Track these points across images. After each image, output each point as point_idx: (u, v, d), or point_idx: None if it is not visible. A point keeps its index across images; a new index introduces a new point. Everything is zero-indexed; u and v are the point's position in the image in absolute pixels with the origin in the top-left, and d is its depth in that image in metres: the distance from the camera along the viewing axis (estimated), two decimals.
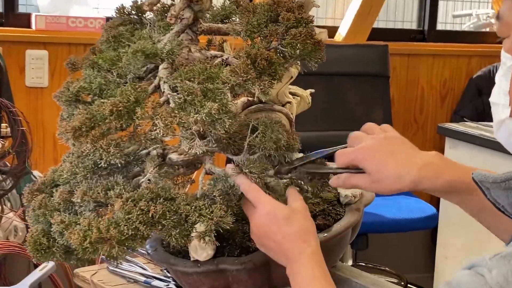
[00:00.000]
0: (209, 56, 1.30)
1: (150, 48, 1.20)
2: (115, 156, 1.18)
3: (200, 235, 1.17)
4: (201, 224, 1.17)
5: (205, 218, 1.17)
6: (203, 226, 1.17)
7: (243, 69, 1.17)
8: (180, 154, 1.30)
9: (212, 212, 1.18)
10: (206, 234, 1.18)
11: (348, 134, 1.29)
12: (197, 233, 1.17)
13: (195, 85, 1.17)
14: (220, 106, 1.16)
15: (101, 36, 1.35)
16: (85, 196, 1.21)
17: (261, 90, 1.18)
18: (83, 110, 1.21)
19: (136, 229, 1.14)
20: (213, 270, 1.31)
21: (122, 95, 1.17)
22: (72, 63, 1.34)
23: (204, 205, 1.18)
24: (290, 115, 1.44)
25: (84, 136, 1.19)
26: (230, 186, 1.24)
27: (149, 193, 1.18)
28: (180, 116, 1.15)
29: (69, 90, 1.29)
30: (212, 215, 1.17)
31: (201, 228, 1.17)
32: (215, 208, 1.18)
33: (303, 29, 1.23)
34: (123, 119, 1.17)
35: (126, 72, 1.26)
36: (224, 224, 1.19)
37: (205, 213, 1.17)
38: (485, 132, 2.77)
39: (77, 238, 1.15)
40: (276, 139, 1.24)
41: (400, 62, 3.91)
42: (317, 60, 1.28)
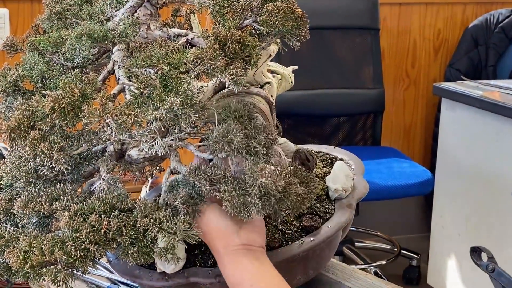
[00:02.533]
0: (172, 35, 1.10)
1: (98, 31, 1.00)
2: (59, 162, 0.99)
3: (161, 252, 0.99)
4: (161, 240, 0.99)
5: (166, 233, 0.98)
6: (164, 243, 0.98)
7: (211, 55, 0.97)
8: (141, 151, 1.11)
9: (175, 224, 0.99)
10: (168, 252, 0.99)
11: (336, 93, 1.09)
12: (158, 249, 0.99)
13: (153, 75, 0.97)
14: (183, 99, 0.97)
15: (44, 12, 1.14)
16: (26, 208, 1.02)
17: (232, 80, 0.98)
18: (21, 105, 1.02)
19: (85, 250, 0.96)
20: (183, 284, 1.14)
21: (66, 89, 0.97)
22: (10, 45, 1.13)
23: (165, 217, 1.00)
24: (270, 97, 1.24)
25: (22, 138, 0.99)
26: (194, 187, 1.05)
27: (101, 204, 0.99)
28: (135, 113, 0.96)
29: (5, 79, 1.08)
30: (175, 229, 0.99)
31: (162, 244, 0.99)
32: (178, 220, 1.00)
33: (282, 2, 1.03)
34: (67, 118, 0.97)
35: (73, 57, 1.06)
36: (189, 238, 1.00)
37: (166, 227, 0.99)
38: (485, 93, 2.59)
39: (16, 260, 0.97)
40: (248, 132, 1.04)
41: (390, 12, 3.70)
42: (299, 38, 1.08)
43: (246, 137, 1.00)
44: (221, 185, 1.01)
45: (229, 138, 0.99)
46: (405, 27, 3.74)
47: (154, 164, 1.18)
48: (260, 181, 0.99)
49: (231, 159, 1.04)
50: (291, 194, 1.01)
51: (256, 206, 0.98)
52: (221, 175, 1.02)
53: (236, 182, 1.00)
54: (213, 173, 1.02)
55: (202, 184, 1.01)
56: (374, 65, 3.45)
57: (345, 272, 1.32)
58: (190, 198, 1.04)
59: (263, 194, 0.99)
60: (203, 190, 1.03)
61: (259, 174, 0.99)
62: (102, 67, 1.15)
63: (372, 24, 3.42)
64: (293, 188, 1.01)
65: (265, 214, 1.03)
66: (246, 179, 0.99)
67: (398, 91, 3.80)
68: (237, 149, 0.99)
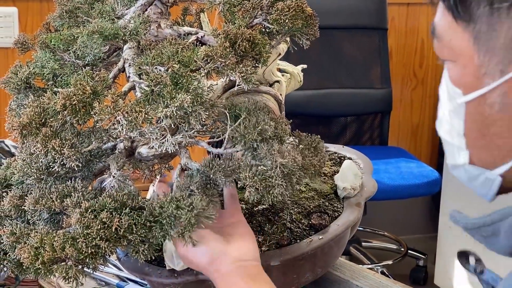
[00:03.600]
0: (182, 34, 1.10)
1: (109, 29, 1.00)
2: (70, 159, 0.99)
3: (179, 231, 0.99)
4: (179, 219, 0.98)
5: (184, 211, 0.98)
6: (182, 220, 0.98)
7: (221, 54, 0.97)
8: (151, 148, 1.12)
9: (191, 203, 0.99)
10: (186, 229, 0.99)
11: (343, 92, 1.09)
12: (175, 230, 0.99)
13: (163, 72, 0.98)
14: (193, 97, 0.97)
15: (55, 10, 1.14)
16: (37, 204, 1.03)
17: (242, 78, 0.98)
18: (33, 102, 1.02)
19: (96, 247, 0.96)
20: (192, 281, 1.14)
21: (77, 86, 0.98)
22: (22, 43, 1.14)
23: (181, 196, 1.00)
24: (279, 96, 1.24)
25: (34, 134, 1.00)
26: (209, 179, 1.05)
27: (112, 201, 0.99)
28: (146, 111, 0.96)
29: (17, 76, 1.09)
30: (191, 207, 0.99)
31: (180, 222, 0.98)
32: (195, 199, 1.00)
33: (292, 1, 1.04)
34: (78, 115, 0.98)
35: (84, 54, 1.07)
36: (207, 218, 1.00)
37: (183, 205, 0.99)
38: None
39: (27, 257, 0.97)
40: (261, 129, 1.04)
41: (398, 11, 3.70)
42: (309, 37, 1.09)
43: (275, 127, 1.01)
44: (240, 174, 1.01)
45: (260, 128, 1.00)
46: (413, 27, 3.73)
47: (163, 161, 1.19)
48: (280, 161, 0.99)
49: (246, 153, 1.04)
50: (309, 167, 1.02)
51: (280, 187, 0.98)
52: (235, 165, 1.02)
53: (254, 168, 1.00)
54: (226, 165, 1.02)
55: (218, 176, 1.01)
56: (382, 65, 3.45)
57: (353, 271, 1.33)
58: (205, 186, 1.04)
59: (285, 174, 0.99)
60: (218, 182, 1.04)
61: (277, 155, 1.00)
62: (112, 65, 1.16)
63: (380, 24, 3.42)
64: (308, 160, 1.03)
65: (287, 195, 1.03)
66: (265, 162, 0.99)
67: (406, 91, 3.80)
68: (268, 138, 1.00)
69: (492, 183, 0.77)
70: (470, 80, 0.74)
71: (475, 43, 0.72)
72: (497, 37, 0.70)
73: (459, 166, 0.81)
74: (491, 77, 0.72)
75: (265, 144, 1.01)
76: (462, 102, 0.76)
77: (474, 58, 0.73)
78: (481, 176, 0.78)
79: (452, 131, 0.79)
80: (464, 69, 0.75)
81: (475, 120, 0.76)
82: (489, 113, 0.73)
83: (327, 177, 1.30)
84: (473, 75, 0.73)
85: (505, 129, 0.73)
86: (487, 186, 0.78)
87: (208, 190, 1.05)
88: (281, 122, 1.10)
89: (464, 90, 0.75)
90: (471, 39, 0.73)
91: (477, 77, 0.73)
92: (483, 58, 0.72)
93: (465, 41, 0.73)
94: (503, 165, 0.75)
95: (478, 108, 0.74)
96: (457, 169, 0.82)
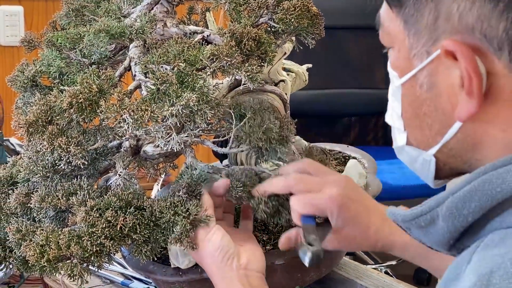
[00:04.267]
0: (188, 32, 1.11)
1: (115, 27, 1.00)
2: (76, 157, 1.00)
3: (176, 237, 0.99)
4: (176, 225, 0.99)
5: (180, 217, 0.99)
6: (179, 227, 0.99)
7: (227, 52, 0.97)
8: (156, 147, 1.12)
9: (188, 210, 1.00)
10: (183, 236, 1.00)
11: (347, 93, 1.11)
12: (174, 235, 0.99)
13: (169, 71, 0.98)
14: (199, 96, 0.97)
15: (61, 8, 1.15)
16: (43, 202, 1.03)
17: (248, 76, 0.99)
18: (39, 100, 1.03)
19: (101, 245, 0.97)
20: (197, 280, 1.14)
21: (83, 84, 0.98)
22: (28, 41, 1.14)
23: (179, 202, 1.01)
24: (284, 95, 1.25)
25: (40, 132, 1.00)
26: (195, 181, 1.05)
27: (117, 200, 1.00)
28: (152, 109, 0.96)
29: (23, 74, 1.10)
30: (187, 214, 0.99)
31: (177, 229, 0.99)
32: (191, 204, 1.00)
33: (298, 0, 1.04)
34: (84, 113, 0.98)
35: (90, 53, 1.07)
36: (202, 222, 1.01)
37: (180, 211, 0.99)
38: None
39: (33, 254, 0.98)
40: (266, 129, 1.05)
41: None
42: (314, 36, 1.09)
43: (281, 126, 1.02)
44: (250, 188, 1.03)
45: (265, 128, 1.01)
46: None
47: (168, 160, 1.19)
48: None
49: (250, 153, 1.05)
50: None
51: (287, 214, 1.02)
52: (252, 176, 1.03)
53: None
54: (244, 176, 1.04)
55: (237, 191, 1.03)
56: (386, 65, 3.44)
57: (357, 270, 1.33)
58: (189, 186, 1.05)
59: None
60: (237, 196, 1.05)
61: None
62: (118, 63, 1.16)
63: None
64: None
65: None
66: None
67: None
68: (272, 139, 1.00)
69: (429, 164, 0.81)
70: (403, 62, 0.78)
71: (405, 27, 0.77)
72: (422, 19, 0.75)
73: (400, 149, 0.84)
74: (419, 58, 0.76)
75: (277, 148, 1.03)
76: (399, 84, 0.80)
77: (405, 41, 0.77)
78: (419, 157, 0.81)
79: (393, 114, 0.84)
80: (399, 52, 0.79)
81: (409, 101, 0.80)
82: (420, 93, 0.77)
83: None
84: (406, 57, 0.77)
85: (433, 108, 0.76)
86: (426, 168, 0.81)
87: (192, 189, 1.05)
88: (287, 122, 1.10)
89: (400, 73, 0.79)
90: (402, 23, 0.77)
91: (408, 59, 0.77)
92: (412, 41, 0.76)
93: (397, 26, 0.78)
94: (435, 145, 0.78)
95: (411, 89, 0.78)
96: (401, 153, 0.85)
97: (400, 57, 0.79)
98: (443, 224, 0.73)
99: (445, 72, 0.74)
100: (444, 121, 0.76)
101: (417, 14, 0.75)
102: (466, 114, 0.73)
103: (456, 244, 0.74)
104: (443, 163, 0.80)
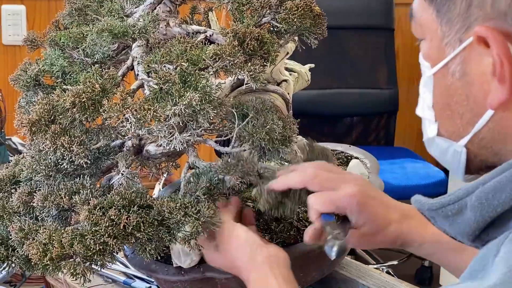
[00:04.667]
0: (191, 32, 1.11)
1: (118, 27, 1.01)
2: (79, 156, 1.00)
3: (185, 237, 1.00)
4: (185, 226, 1.00)
5: (191, 219, 0.99)
6: (189, 228, 0.99)
7: (230, 52, 0.98)
8: (159, 146, 1.12)
9: (199, 211, 1.00)
10: (192, 237, 1.00)
11: (349, 92, 1.11)
12: (182, 235, 1.00)
13: (172, 71, 0.98)
14: (202, 95, 0.98)
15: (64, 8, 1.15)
16: (46, 201, 1.03)
17: (251, 76, 0.99)
18: (42, 99, 1.03)
19: (104, 244, 0.97)
20: (199, 279, 1.14)
21: (86, 84, 0.98)
22: (31, 40, 1.14)
23: (190, 203, 1.01)
24: (287, 95, 1.25)
25: (43, 131, 1.01)
26: (215, 183, 1.06)
27: (120, 199, 1.00)
28: (154, 108, 0.97)
29: (26, 74, 1.10)
30: (199, 215, 1.00)
31: (186, 230, 1.00)
32: (203, 206, 1.01)
33: (300, 0, 1.04)
34: (87, 112, 0.99)
35: (93, 52, 1.08)
36: (213, 225, 1.02)
37: (191, 212, 1.00)
38: None
39: (36, 253, 0.98)
40: (269, 129, 1.05)
41: (405, 12, 3.69)
42: (317, 36, 1.09)
43: (283, 127, 1.02)
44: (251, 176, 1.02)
45: (268, 128, 1.01)
46: None
47: (170, 159, 1.20)
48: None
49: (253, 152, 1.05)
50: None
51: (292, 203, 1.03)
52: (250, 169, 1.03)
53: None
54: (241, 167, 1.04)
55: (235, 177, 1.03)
56: (389, 65, 3.45)
57: (359, 270, 1.33)
58: (209, 190, 1.05)
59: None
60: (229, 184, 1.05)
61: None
62: (120, 63, 1.16)
63: (387, 24, 3.43)
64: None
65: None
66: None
67: (412, 91, 3.79)
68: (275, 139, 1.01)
69: (459, 156, 0.80)
70: (435, 52, 0.78)
71: (438, 15, 0.77)
72: (455, 8, 0.75)
73: (431, 141, 0.84)
74: (452, 46, 0.76)
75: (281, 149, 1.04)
76: (430, 74, 0.80)
77: (437, 30, 0.77)
78: (450, 148, 0.81)
79: (424, 106, 0.83)
80: (431, 42, 0.79)
81: (441, 91, 0.80)
82: (451, 81, 0.77)
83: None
84: (438, 46, 0.78)
85: (464, 97, 0.76)
86: (456, 160, 0.81)
87: (212, 192, 1.06)
88: (289, 122, 1.10)
89: (432, 63, 0.80)
90: (434, 12, 0.77)
91: (441, 48, 0.77)
92: (445, 29, 0.77)
93: (430, 15, 0.78)
94: (466, 136, 0.78)
95: (443, 79, 0.78)
96: (431, 145, 0.84)
97: (432, 47, 0.79)
98: (471, 214, 0.73)
99: (477, 59, 0.74)
100: (475, 110, 0.76)
101: (449, 2, 0.75)
102: (497, 102, 0.73)
103: (481, 235, 0.74)
104: (474, 154, 0.79)
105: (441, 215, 0.76)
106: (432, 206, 0.77)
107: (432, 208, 0.77)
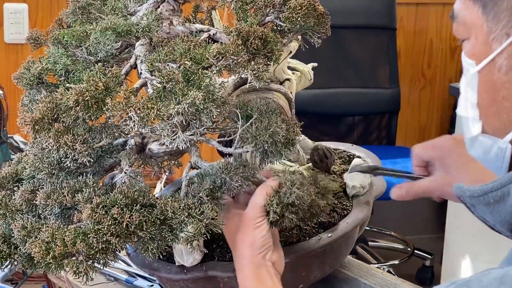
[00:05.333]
0: (194, 31, 1.11)
1: (122, 25, 1.01)
2: (82, 154, 1.00)
3: (188, 238, 1.00)
4: (188, 227, 1.00)
5: (194, 220, 0.99)
6: (192, 229, 0.99)
7: (233, 51, 0.97)
8: (162, 145, 1.12)
9: (202, 213, 1.00)
10: (195, 238, 1.00)
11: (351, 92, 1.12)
12: (185, 235, 1.00)
13: (175, 69, 0.98)
14: (205, 94, 0.98)
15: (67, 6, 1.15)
16: (48, 199, 1.03)
17: (254, 75, 0.99)
18: (45, 97, 1.03)
19: (107, 242, 0.97)
20: (202, 277, 1.15)
21: (89, 82, 0.98)
22: (34, 39, 1.14)
23: (193, 204, 1.01)
24: (289, 94, 1.25)
25: (46, 130, 1.01)
26: (219, 186, 1.06)
27: (123, 198, 1.00)
28: (158, 107, 0.97)
29: (30, 72, 1.10)
30: (202, 217, 1.00)
31: (189, 230, 1.00)
32: (206, 208, 1.01)
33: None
34: (90, 111, 0.99)
35: (96, 51, 1.07)
36: (215, 227, 1.02)
37: (195, 213, 1.00)
38: None
39: (38, 251, 0.98)
40: (272, 132, 1.04)
41: (407, 11, 3.69)
42: (320, 35, 1.09)
43: (287, 130, 1.02)
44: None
45: (271, 131, 1.01)
46: (421, 27, 3.73)
47: (173, 158, 1.19)
48: (295, 191, 1.01)
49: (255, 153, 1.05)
50: (315, 207, 1.04)
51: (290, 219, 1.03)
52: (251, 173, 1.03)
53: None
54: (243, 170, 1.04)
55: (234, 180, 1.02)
56: (390, 64, 3.44)
57: (361, 269, 1.33)
58: (211, 191, 1.05)
59: (296, 206, 1.02)
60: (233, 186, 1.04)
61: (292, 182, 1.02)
62: (123, 61, 1.16)
63: (389, 24, 3.42)
64: (316, 200, 1.04)
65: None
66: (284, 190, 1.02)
67: (414, 91, 3.79)
68: (278, 142, 1.00)
69: (504, 153, 0.81)
70: (481, 49, 0.79)
71: (484, 12, 0.78)
72: (502, 3, 0.76)
73: (474, 139, 0.84)
74: (498, 41, 0.77)
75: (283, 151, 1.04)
76: (475, 72, 0.80)
77: (483, 26, 0.78)
78: (494, 146, 0.81)
79: (467, 105, 0.83)
80: (476, 39, 0.80)
81: (486, 87, 0.80)
82: (498, 76, 0.78)
83: (336, 175, 1.31)
84: (484, 42, 0.79)
85: (511, 91, 0.77)
86: (500, 158, 0.81)
87: (215, 199, 1.06)
88: (293, 125, 1.10)
89: (477, 60, 0.80)
90: (480, 8, 0.78)
91: (487, 44, 0.78)
92: (491, 24, 0.78)
93: (475, 13, 0.79)
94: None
95: (489, 75, 0.79)
96: (473, 145, 0.85)
97: (477, 44, 0.79)
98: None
99: None
100: None
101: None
102: None
103: None
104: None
105: (483, 202, 0.76)
106: (474, 193, 0.77)
107: (473, 195, 0.77)
